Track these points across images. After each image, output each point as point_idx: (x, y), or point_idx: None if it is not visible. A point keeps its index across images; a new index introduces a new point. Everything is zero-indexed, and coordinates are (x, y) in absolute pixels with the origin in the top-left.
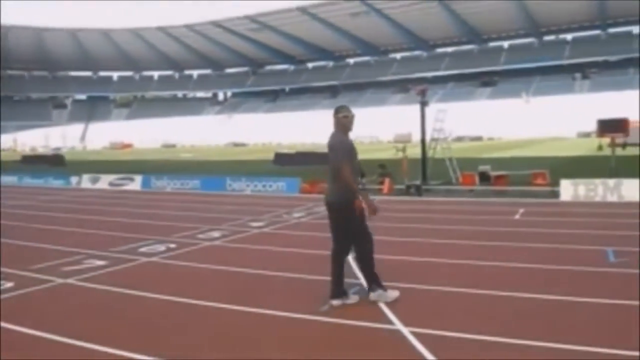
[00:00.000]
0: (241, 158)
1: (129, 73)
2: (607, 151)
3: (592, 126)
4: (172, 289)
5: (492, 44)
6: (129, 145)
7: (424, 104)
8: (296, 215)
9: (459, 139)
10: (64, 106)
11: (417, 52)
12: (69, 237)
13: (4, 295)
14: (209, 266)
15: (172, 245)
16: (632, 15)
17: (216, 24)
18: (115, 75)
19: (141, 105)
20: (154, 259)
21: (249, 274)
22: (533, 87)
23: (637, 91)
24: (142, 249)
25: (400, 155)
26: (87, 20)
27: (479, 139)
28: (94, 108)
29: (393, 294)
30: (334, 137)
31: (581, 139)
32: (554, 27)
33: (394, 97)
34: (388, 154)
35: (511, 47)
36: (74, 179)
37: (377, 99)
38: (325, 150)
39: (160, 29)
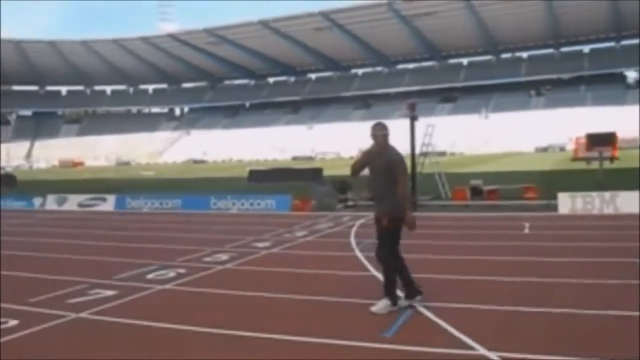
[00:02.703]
0: (208, 175)
1: (79, 87)
2: (594, 165)
3: (548, 141)
4: (206, 320)
5: (451, 61)
6: (79, 164)
7: (413, 119)
8: (299, 234)
9: (425, 154)
10: (7, 122)
11: (378, 68)
12: (62, 264)
13: (10, 336)
14: (234, 292)
15: (182, 271)
16: (584, 34)
17: (173, 37)
18: (64, 89)
19: (92, 121)
20: (167, 286)
21: (283, 300)
22: (492, 104)
23: (587, 108)
24: (149, 276)
25: None
26: (32, 31)
27: (442, 154)
28: (40, 124)
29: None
30: (393, 149)
31: (540, 153)
32: (511, 45)
33: (356, 112)
34: None
35: (470, 64)
36: (37, 201)
37: (340, 115)
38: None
39: (114, 41)
